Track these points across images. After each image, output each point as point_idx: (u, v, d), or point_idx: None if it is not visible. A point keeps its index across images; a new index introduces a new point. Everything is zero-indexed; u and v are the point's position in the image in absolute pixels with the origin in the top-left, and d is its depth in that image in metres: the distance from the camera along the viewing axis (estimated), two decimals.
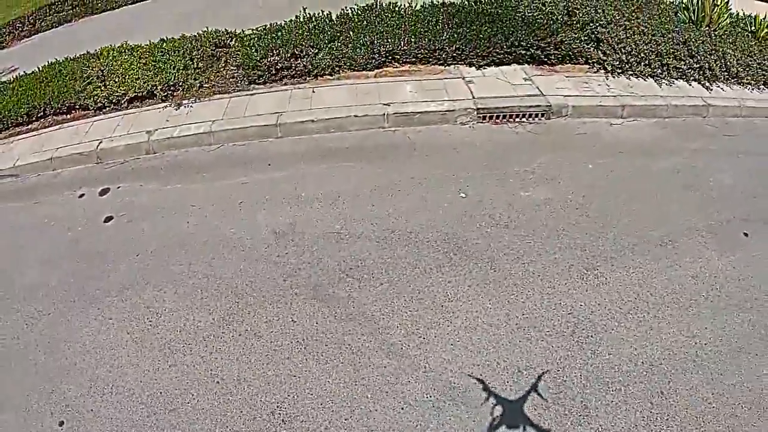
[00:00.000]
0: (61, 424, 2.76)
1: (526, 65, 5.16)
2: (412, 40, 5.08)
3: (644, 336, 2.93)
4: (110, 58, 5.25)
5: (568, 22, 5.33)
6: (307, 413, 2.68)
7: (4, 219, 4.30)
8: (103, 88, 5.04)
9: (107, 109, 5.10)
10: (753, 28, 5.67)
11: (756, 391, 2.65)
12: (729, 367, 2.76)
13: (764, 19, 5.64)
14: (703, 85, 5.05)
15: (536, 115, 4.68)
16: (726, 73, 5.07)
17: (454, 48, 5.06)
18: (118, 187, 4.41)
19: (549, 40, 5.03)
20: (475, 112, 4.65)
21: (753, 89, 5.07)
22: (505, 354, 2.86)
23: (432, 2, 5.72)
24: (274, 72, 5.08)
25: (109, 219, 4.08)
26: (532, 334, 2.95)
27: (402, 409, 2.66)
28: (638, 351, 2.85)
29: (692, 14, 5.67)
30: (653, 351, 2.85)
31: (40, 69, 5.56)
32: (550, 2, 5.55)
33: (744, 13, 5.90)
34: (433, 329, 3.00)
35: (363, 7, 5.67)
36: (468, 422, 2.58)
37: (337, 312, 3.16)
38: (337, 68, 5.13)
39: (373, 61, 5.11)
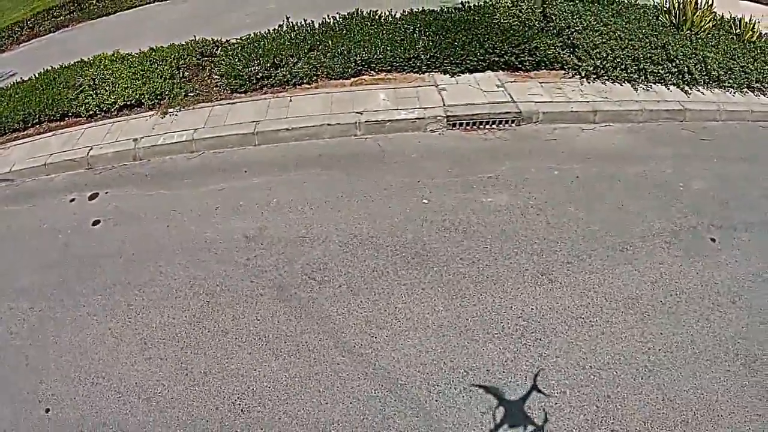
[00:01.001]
0: (47, 411, 3.02)
1: (501, 72, 5.22)
2: (388, 48, 5.20)
3: (594, 340, 3.00)
4: (102, 66, 5.49)
5: (545, 28, 5.38)
6: (264, 404, 2.87)
7: (1, 222, 4.61)
8: (94, 96, 5.29)
9: (98, 116, 5.34)
10: (738, 30, 5.61)
11: (710, 399, 2.66)
12: (683, 373, 2.78)
13: (750, 21, 5.58)
14: (681, 89, 5.02)
15: (506, 122, 4.75)
16: (706, 77, 5.04)
17: (428, 56, 5.16)
18: (107, 193, 4.65)
19: (523, 47, 5.08)
20: (445, 120, 4.75)
21: (734, 93, 5.03)
22: (451, 355, 2.99)
23: (411, 10, 5.83)
24: (254, 81, 5.26)
25: (96, 223, 4.34)
26: (480, 336, 3.08)
27: (351, 404, 2.82)
28: (587, 355, 2.92)
29: (674, 18, 5.64)
30: (603, 356, 2.90)
31: (36, 76, 5.81)
32: (527, 9, 5.60)
33: (731, 15, 5.83)
34: (384, 329, 3.16)
35: (344, 15, 5.82)
36: (411, 418, 2.73)
37: (297, 312, 3.34)
38: (314, 77, 5.28)
39: (350, 69, 5.24)
